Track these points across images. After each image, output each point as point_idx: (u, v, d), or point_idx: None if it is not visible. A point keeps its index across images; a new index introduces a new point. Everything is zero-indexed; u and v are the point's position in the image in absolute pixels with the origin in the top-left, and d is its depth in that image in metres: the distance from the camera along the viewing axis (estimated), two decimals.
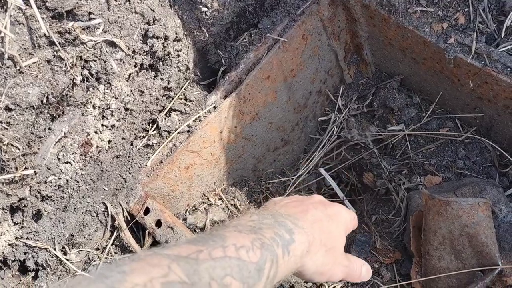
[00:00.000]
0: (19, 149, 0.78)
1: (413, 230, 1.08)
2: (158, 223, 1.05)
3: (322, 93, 1.42)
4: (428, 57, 1.13)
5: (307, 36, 1.23)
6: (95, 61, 0.83)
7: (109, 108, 0.93)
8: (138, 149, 1.09)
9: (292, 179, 1.41)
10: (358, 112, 1.39)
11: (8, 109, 0.75)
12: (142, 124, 1.10)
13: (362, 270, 0.80)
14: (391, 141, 1.29)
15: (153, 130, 1.12)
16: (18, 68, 0.74)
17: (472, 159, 1.19)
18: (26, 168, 0.80)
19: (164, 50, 0.99)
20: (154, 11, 0.90)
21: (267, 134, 1.32)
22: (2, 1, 0.71)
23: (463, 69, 1.06)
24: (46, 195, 0.91)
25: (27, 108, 0.77)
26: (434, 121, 1.25)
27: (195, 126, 1.11)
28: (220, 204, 1.23)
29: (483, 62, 1.01)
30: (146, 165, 1.09)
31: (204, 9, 0.98)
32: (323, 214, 0.74)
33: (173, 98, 1.13)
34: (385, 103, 1.31)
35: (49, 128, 0.83)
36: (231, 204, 1.25)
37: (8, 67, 0.73)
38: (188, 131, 1.11)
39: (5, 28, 0.70)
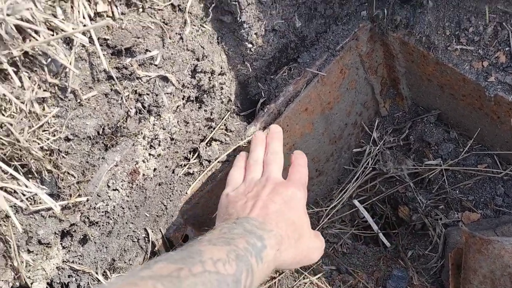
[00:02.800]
0: (74, 177, 0.82)
1: (452, 267, 1.06)
2: None
3: (357, 125, 1.43)
4: (467, 94, 1.14)
5: (345, 70, 1.26)
6: (148, 94, 0.87)
7: (157, 138, 0.97)
8: (179, 177, 1.13)
9: (326, 209, 1.41)
10: (393, 145, 1.40)
11: (67, 139, 0.79)
12: (184, 153, 1.13)
13: None
14: (427, 175, 1.29)
15: (194, 159, 1.15)
16: (78, 101, 0.79)
17: (511, 196, 1.17)
18: (79, 195, 0.84)
19: (210, 84, 1.03)
20: (203, 48, 0.94)
21: None
22: (68, 39, 0.76)
23: (503, 107, 1.06)
24: (94, 221, 0.94)
25: (84, 138, 0.81)
26: (472, 157, 1.24)
27: (235, 156, 1.14)
28: None
29: None
30: (186, 193, 1.12)
31: (249, 45, 1.02)
32: (282, 206, 0.79)
33: (214, 128, 1.17)
34: (421, 137, 1.31)
35: (102, 158, 0.87)
36: None
37: (69, 100, 0.78)
38: (227, 160, 1.14)
39: (70, 64, 0.74)
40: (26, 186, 0.72)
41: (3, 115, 0.72)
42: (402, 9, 1.13)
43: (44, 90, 0.74)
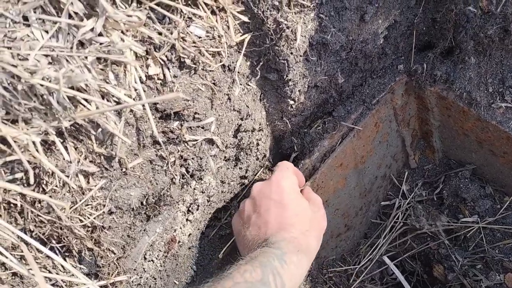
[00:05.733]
0: (114, 254, 0.74)
1: None
2: None
3: (386, 178, 1.38)
4: (510, 152, 1.10)
5: (379, 124, 1.21)
6: (193, 158, 0.81)
7: (196, 202, 0.89)
8: (210, 239, 1.05)
9: (355, 267, 1.34)
10: (423, 199, 1.35)
11: (110, 212, 0.72)
12: (215, 213, 1.05)
13: None
14: (463, 232, 1.24)
15: (225, 219, 1.07)
16: (123, 170, 0.72)
17: None
18: (118, 274, 0.75)
19: (248, 141, 0.97)
20: (248, 107, 0.88)
21: (333, 221, 1.27)
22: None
23: None
24: None
25: (127, 210, 0.74)
26: (511, 215, 1.20)
27: None
28: None
29: None
30: (218, 257, 1.04)
31: (292, 102, 0.97)
32: (276, 207, 0.84)
33: (246, 186, 1.10)
34: (456, 193, 1.26)
35: (144, 230, 0.79)
36: None
37: (115, 170, 0.70)
38: None
39: (120, 132, 0.68)
40: (72, 274, 0.63)
41: (44, 190, 0.64)
42: (442, 64, 1.10)
43: (91, 161, 0.66)
